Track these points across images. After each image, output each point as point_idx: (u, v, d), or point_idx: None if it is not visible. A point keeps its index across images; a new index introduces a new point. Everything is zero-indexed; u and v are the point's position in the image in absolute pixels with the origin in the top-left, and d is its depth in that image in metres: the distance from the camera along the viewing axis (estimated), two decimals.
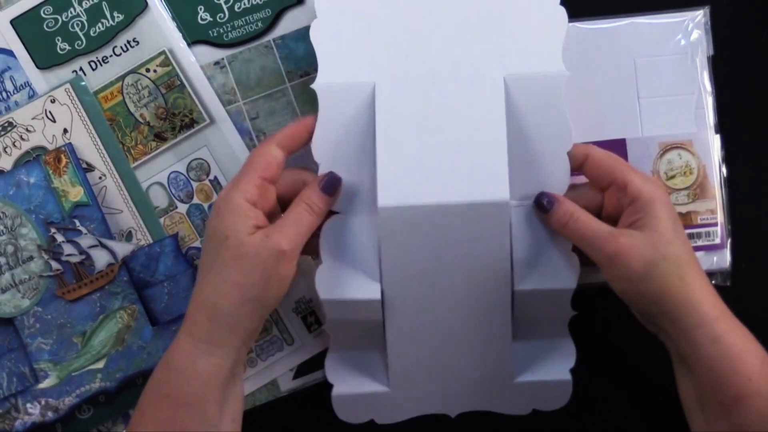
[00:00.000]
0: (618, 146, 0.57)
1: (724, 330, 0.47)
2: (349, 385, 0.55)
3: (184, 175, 0.59)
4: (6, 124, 0.58)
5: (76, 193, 0.57)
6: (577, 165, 0.51)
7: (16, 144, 0.58)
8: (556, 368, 0.55)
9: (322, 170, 0.52)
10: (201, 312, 0.48)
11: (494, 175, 0.48)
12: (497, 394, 0.56)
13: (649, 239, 0.47)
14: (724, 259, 0.58)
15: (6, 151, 0.58)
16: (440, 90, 0.50)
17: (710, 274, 0.58)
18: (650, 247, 0.47)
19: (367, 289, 0.51)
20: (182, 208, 0.59)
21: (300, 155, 0.53)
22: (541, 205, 0.50)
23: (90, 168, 0.58)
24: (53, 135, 0.58)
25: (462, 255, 0.50)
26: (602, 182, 0.51)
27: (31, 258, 0.57)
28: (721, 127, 0.58)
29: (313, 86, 0.51)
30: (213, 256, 0.48)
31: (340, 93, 0.51)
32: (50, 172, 0.57)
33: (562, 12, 0.51)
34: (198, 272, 0.50)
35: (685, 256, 0.48)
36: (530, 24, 0.51)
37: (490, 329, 0.53)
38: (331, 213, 0.53)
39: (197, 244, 0.59)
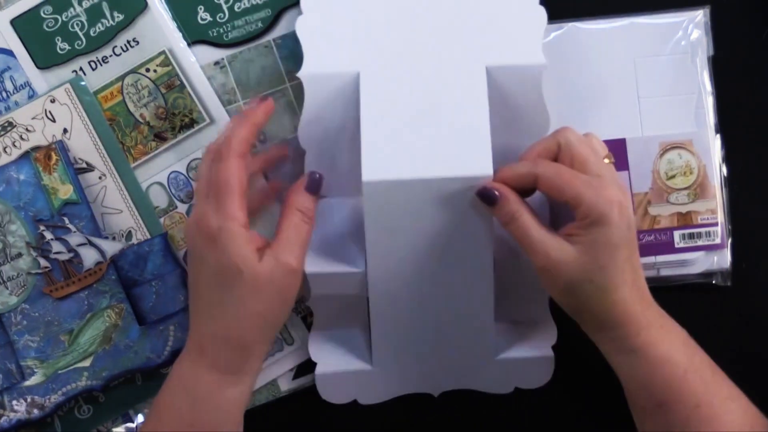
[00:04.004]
0: (618, 146, 0.57)
1: (647, 342, 0.48)
2: (332, 364, 0.57)
3: (184, 175, 0.59)
4: (6, 124, 0.58)
5: (66, 191, 0.57)
6: (529, 185, 0.49)
7: (16, 144, 0.58)
8: (537, 345, 0.56)
9: (309, 156, 0.54)
10: (227, 347, 0.48)
11: (478, 152, 0.49)
12: (479, 372, 0.57)
13: (581, 260, 0.47)
14: (724, 259, 0.58)
15: (6, 151, 0.58)
16: (424, 77, 0.51)
17: (710, 274, 0.58)
18: (579, 267, 0.47)
19: (350, 262, 0.53)
20: (182, 208, 0.59)
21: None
22: (487, 198, 0.49)
23: (90, 168, 0.58)
24: (53, 135, 0.58)
25: (445, 232, 0.51)
26: (557, 198, 0.48)
27: (19, 255, 0.57)
28: (721, 127, 0.58)
29: (298, 74, 0.52)
30: (225, 291, 0.48)
31: (325, 81, 0.52)
32: (40, 169, 0.57)
33: (542, 11, 0.53)
34: (203, 303, 0.49)
35: (616, 280, 0.47)
36: (510, 20, 0.53)
37: (472, 306, 0.54)
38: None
39: None
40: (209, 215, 0.48)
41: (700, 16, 0.58)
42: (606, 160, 0.49)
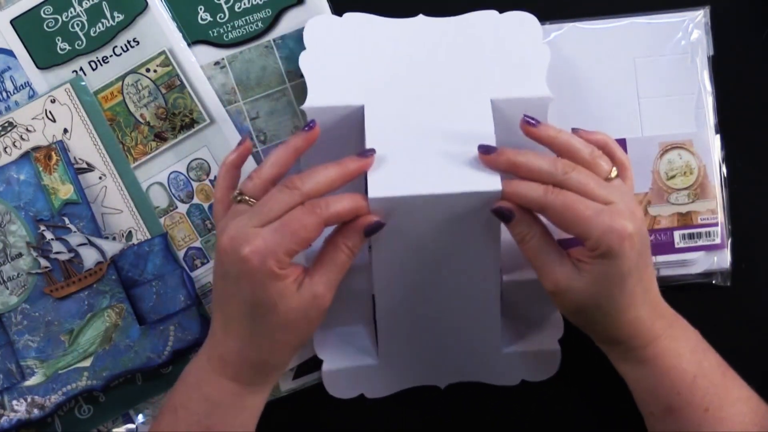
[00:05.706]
0: None
1: (654, 353, 0.49)
2: (338, 360, 0.57)
3: (184, 175, 0.59)
4: (6, 124, 0.58)
5: (66, 191, 0.57)
6: (537, 212, 0.48)
7: (16, 144, 0.58)
8: (544, 339, 0.57)
9: None
10: (252, 367, 0.49)
11: (486, 170, 0.48)
12: (486, 365, 0.58)
13: (589, 289, 0.47)
14: (724, 259, 0.58)
15: (6, 151, 0.58)
16: (429, 108, 0.51)
17: (710, 274, 0.58)
18: (587, 295, 0.47)
19: (355, 268, 0.52)
20: (182, 208, 0.59)
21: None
22: (502, 216, 0.48)
23: (90, 168, 0.58)
24: (53, 135, 0.58)
25: (452, 244, 0.51)
26: (565, 231, 0.47)
27: (19, 255, 0.57)
28: (721, 127, 0.58)
29: (302, 107, 0.52)
30: (256, 321, 0.47)
31: (330, 114, 0.52)
32: (40, 169, 0.57)
33: (546, 48, 0.54)
34: (231, 323, 0.48)
35: (625, 304, 0.47)
36: (514, 57, 0.54)
37: (478, 303, 0.54)
38: None
39: (197, 244, 0.59)
40: (256, 244, 0.45)
41: (700, 16, 0.58)
42: (613, 174, 0.48)
